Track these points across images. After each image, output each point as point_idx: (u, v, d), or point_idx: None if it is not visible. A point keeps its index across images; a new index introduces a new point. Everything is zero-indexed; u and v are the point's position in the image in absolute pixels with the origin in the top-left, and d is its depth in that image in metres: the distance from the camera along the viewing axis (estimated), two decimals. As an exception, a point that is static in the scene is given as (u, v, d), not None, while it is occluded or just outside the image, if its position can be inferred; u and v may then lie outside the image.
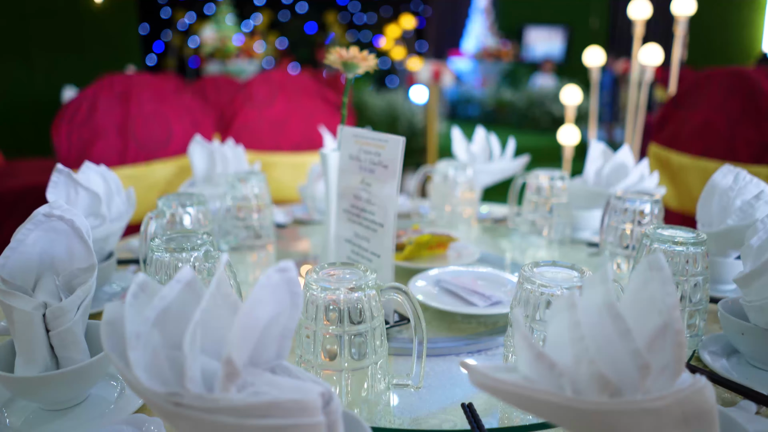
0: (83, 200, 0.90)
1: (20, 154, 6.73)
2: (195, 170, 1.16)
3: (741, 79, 1.69)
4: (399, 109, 5.33)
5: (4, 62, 6.65)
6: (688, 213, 1.82)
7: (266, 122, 1.96)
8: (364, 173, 0.80)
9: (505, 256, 1.10)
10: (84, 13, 6.90)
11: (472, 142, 1.36)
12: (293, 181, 2.02)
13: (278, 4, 10.12)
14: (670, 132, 1.89)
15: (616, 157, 1.16)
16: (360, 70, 0.93)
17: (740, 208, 0.85)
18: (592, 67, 3.25)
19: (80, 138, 1.70)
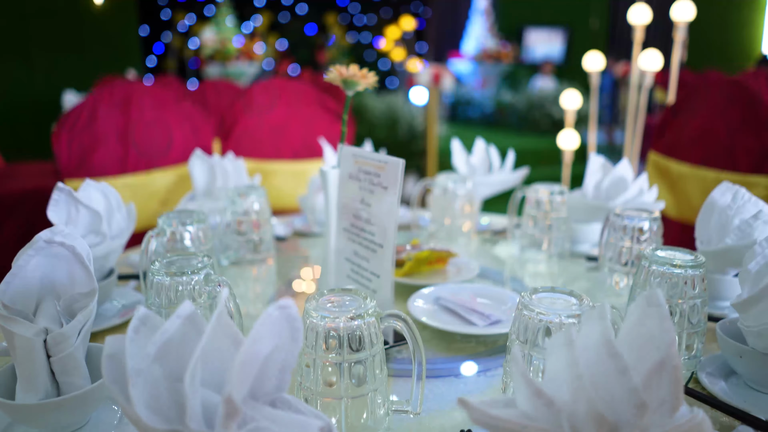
0: (84, 218, 0.90)
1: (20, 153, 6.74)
2: (195, 184, 1.17)
3: (740, 87, 1.69)
4: (399, 112, 5.33)
5: (4, 62, 6.65)
6: (687, 222, 1.82)
7: (266, 129, 1.96)
8: (363, 193, 0.80)
9: (505, 270, 1.11)
10: (84, 14, 6.90)
11: (472, 154, 1.36)
12: (293, 188, 2.02)
13: (278, 6, 10.12)
14: (669, 140, 1.90)
15: (616, 171, 1.16)
16: (360, 87, 0.93)
17: (738, 227, 0.85)
18: (592, 71, 3.26)
19: (80, 145, 1.70)
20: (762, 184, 1.63)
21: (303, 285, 1.02)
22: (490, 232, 1.34)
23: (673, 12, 2.76)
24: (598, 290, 0.99)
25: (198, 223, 0.88)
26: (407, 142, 5.21)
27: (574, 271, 1.10)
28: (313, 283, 1.01)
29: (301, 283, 1.02)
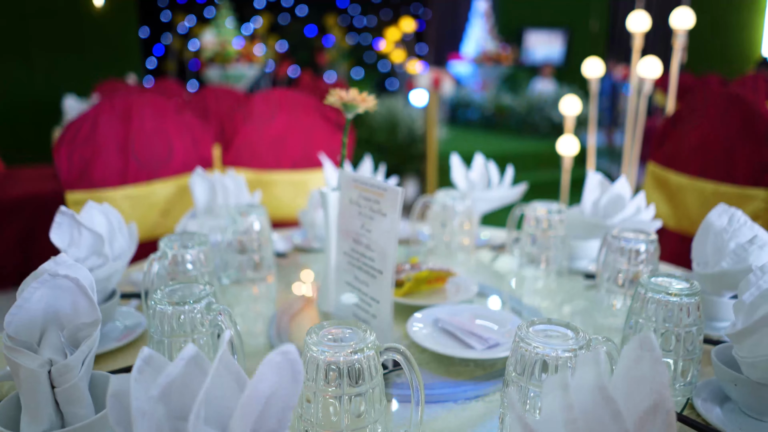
0: (86, 240, 0.91)
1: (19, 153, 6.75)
2: (196, 202, 1.18)
3: (738, 100, 1.70)
4: (399, 115, 5.34)
5: (4, 62, 6.66)
6: (685, 233, 1.83)
7: (266, 139, 1.97)
8: (363, 219, 0.81)
9: (504, 289, 1.11)
10: (84, 15, 6.90)
11: (471, 170, 1.37)
12: (292, 199, 2.03)
13: (278, 7, 10.12)
14: (668, 150, 1.91)
15: (613, 189, 1.17)
16: (359, 110, 0.94)
17: (734, 251, 0.86)
18: (592, 77, 3.26)
19: (81, 157, 1.71)
20: (760, 197, 1.64)
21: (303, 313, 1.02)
22: (490, 247, 1.35)
23: (673, 19, 2.77)
24: (595, 310, 1.00)
25: (199, 245, 0.89)
26: (407, 146, 5.22)
27: (572, 289, 1.11)
28: (313, 305, 1.02)
29: (301, 305, 1.03)
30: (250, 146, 1.94)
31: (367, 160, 1.40)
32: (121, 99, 1.77)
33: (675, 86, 2.88)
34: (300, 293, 1.08)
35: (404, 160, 5.20)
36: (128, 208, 1.79)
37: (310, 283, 1.14)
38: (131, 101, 1.78)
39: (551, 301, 1.07)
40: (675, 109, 1.91)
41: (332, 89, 0.92)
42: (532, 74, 8.40)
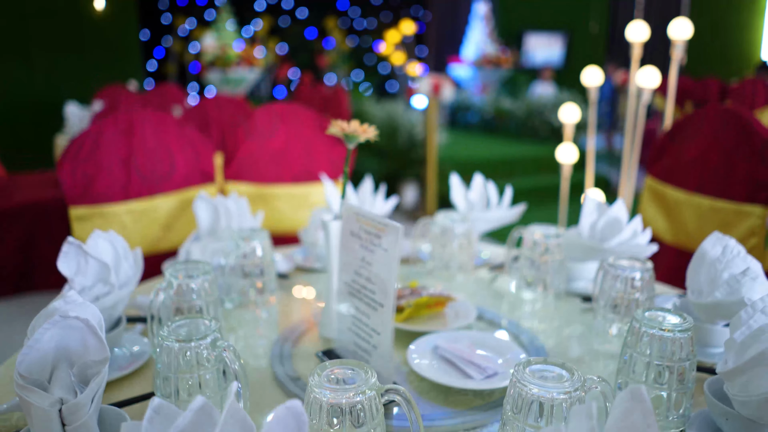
0: (93, 269, 0.93)
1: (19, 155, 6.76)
2: (200, 224, 1.19)
3: (734, 117, 1.72)
4: (399, 120, 5.36)
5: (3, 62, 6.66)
6: (683, 247, 1.85)
7: (267, 153, 1.99)
8: (364, 251, 0.83)
9: (502, 312, 1.13)
10: (85, 17, 6.91)
11: (470, 190, 1.39)
12: (293, 211, 2.05)
13: (278, 10, 10.14)
14: (665, 165, 1.92)
15: (610, 212, 1.19)
16: (360, 140, 0.96)
17: (727, 281, 0.88)
18: (590, 86, 3.28)
19: (84, 174, 1.73)
20: (756, 213, 1.65)
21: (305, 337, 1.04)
22: (489, 267, 1.37)
23: (671, 30, 2.78)
24: (592, 335, 1.02)
25: (204, 275, 0.91)
26: (407, 150, 5.24)
27: (569, 312, 1.12)
28: (315, 328, 1.04)
29: (304, 329, 1.05)
30: (251, 160, 1.96)
31: (367, 181, 1.41)
32: (124, 114, 1.79)
33: (673, 96, 2.90)
34: (302, 316, 1.10)
35: (404, 164, 5.22)
36: (131, 222, 1.81)
37: (312, 306, 1.16)
38: (133, 117, 1.80)
39: (549, 325, 1.08)
40: (672, 122, 1.93)
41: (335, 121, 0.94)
42: (532, 77, 8.42)
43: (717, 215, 1.74)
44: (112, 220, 1.77)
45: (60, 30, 6.84)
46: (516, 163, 5.50)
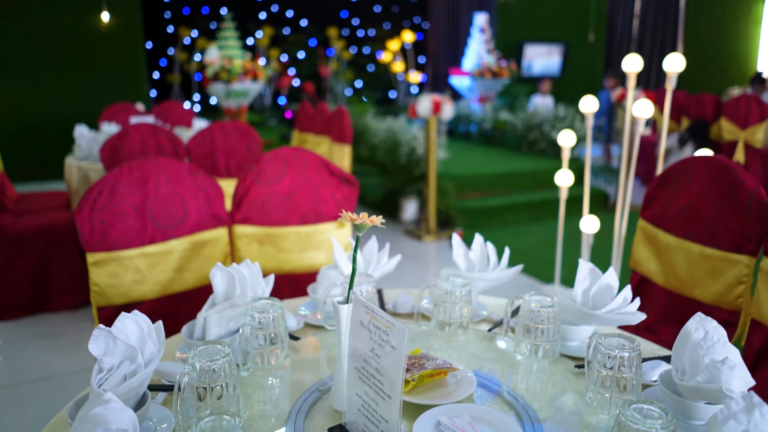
0: (120, 349, 1.01)
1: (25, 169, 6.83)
2: (216, 292, 1.27)
3: (723, 169, 1.79)
4: (400, 134, 5.43)
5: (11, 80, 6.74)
6: (674, 289, 1.93)
7: (275, 197, 2.06)
8: (373, 344, 0.91)
9: (500, 376, 1.21)
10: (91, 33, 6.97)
11: (471, 249, 1.46)
12: (301, 249, 2.13)
13: (281, 20, 10.20)
14: (657, 210, 2.00)
15: (603, 280, 1.27)
16: (367, 227, 1.04)
17: (707, 367, 0.95)
18: (587, 112, 3.35)
19: (102, 221, 1.81)
20: (743, 263, 1.73)
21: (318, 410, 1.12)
22: (488, 323, 1.44)
23: (665, 63, 2.86)
24: (583, 407, 1.09)
25: (224, 357, 0.99)
26: (407, 167, 5.31)
27: (563, 378, 1.20)
28: (327, 399, 1.11)
29: (316, 399, 1.12)
30: (260, 204, 2.04)
31: (372, 240, 1.49)
32: (138, 165, 1.86)
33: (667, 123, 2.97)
34: (314, 381, 1.17)
35: (405, 180, 5.29)
36: (145, 266, 1.88)
37: (324, 371, 1.23)
38: (147, 165, 1.87)
39: (542, 390, 1.16)
40: (664, 169, 2.00)
41: (346, 213, 1.02)
42: (531, 87, 8.49)
43: (706, 262, 1.81)
44: (127, 265, 1.85)
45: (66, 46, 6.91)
46: (514, 177, 5.57)
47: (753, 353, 1.67)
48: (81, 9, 6.82)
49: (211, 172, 3.37)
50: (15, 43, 6.67)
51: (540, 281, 3.95)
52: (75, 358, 2.95)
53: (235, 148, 3.40)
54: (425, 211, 4.89)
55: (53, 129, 6.95)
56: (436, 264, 4.39)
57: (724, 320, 1.79)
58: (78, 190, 3.71)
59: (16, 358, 2.96)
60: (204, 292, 1.99)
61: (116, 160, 3.12)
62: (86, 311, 3.51)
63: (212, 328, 1.23)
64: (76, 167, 3.71)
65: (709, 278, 1.81)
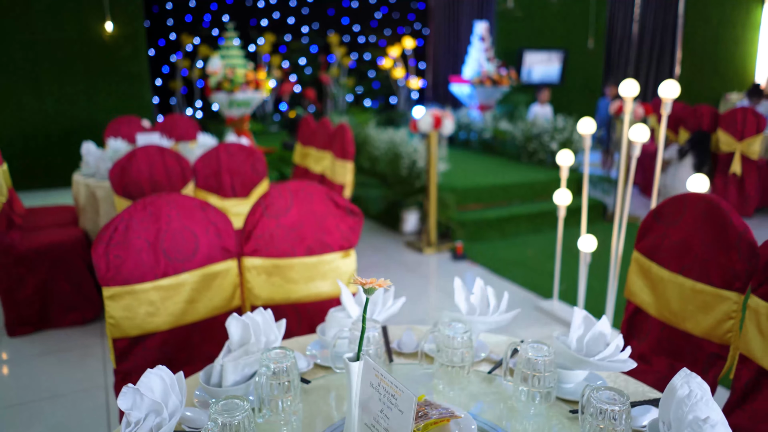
0: (146, 404, 1.08)
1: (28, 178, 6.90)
2: (232, 339, 1.35)
3: (714, 207, 1.86)
4: (401, 147, 5.50)
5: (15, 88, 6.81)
6: (667, 321, 2.00)
7: (282, 230, 2.14)
8: (382, 405, 0.98)
9: (499, 423, 1.28)
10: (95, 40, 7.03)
11: (472, 293, 1.54)
12: (308, 278, 2.20)
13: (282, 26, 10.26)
14: (651, 243, 2.07)
15: (596, 327, 1.34)
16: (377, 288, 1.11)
17: (691, 424, 1.03)
18: (585, 134, 3.42)
19: (117, 257, 1.88)
20: (733, 299, 1.81)
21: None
22: (488, 362, 1.52)
23: (660, 90, 2.93)
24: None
25: (243, 412, 1.06)
26: (408, 180, 5.38)
27: (558, 424, 1.28)
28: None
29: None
30: (267, 237, 2.11)
31: (383, 299, 1.56)
32: (151, 201, 1.94)
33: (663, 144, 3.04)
34: (326, 428, 1.25)
35: (406, 192, 5.36)
36: (158, 299, 1.96)
37: (335, 416, 1.31)
38: (160, 203, 1.95)
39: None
40: (657, 205, 2.07)
41: (355, 277, 1.09)
42: (530, 95, 8.56)
43: (698, 296, 1.89)
44: (141, 298, 1.92)
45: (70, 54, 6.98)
46: (514, 188, 5.65)
47: (741, 386, 1.75)
48: (85, 17, 6.88)
49: (217, 191, 3.44)
50: (19, 50, 6.73)
51: (539, 296, 4.02)
52: (83, 375, 3.03)
53: (240, 168, 3.47)
54: (426, 224, 4.96)
55: (57, 137, 7.01)
56: (437, 276, 4.47)
57: (715, 353, 1.87)
58: (85, 207, 3.78)
59: (26, 375, 3.03)
60: (215, 323, 2.07)
61: (125, 180, 3.20)
62: (93, 327, 3.59)
63: (229, 375, 1.31)
64: (83, 184, 3.78)
65: (700, 312, 1.88)
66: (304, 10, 10.31)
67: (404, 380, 1.47)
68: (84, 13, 6.87)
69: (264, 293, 2.14)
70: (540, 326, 3.59)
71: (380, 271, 4.52)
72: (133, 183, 3.20)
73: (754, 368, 1.71)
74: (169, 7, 9.30)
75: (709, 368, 1.88)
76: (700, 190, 2.66)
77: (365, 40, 10.87)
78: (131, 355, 1.95)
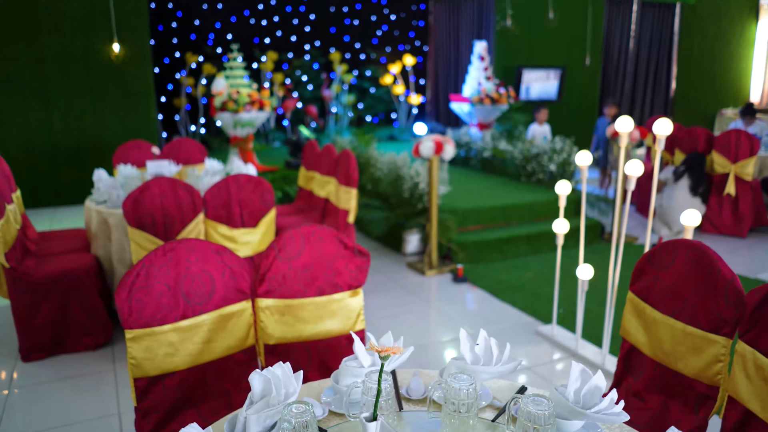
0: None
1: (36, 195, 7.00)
2: (254, 392, 1.45)
3: (703, 254, 1.97)
4: (403, 169, 5.62)
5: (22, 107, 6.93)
6: (659, 361, 2.11)
7: (294, 272, 2.25)
8: (398, 467, 1.09)
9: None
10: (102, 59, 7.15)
11: (477, 344, 1.65)
12: (318, 317, 2.31)
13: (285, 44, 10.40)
14: (645, 285, 2.18)
15: (592, 381, 1.45)
16: (392, 354, 1.22)
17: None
18: (582, 165, 3.54)
19: (139, 300, 1.99)
20: (721, 343, 1.91)
21: None
22: (492, 409, 1.63)
23: (654, 127, 3.05)
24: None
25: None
26: (410, 199, 5.49)
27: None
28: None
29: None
30: (280, 278, 2.22)
31: (388, 335, 1.66)
32: (171, 247, 2.05)
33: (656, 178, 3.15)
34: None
35: (408, 213, 5.47)
36: (177, 340, 2.06)
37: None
38: (180, 248, 2.06)
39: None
40: (651, 248, 2.19)
41: (372, 344, 1.20)
42: (529, 113, 8.70)
43: (688, 339, 2.00)
44: (161, 339, 2.03)
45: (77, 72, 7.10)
46: (513, 209, 5.76)
47: (730, 427, 1.85)
48: (92, 36, 7.01)
49: (227, 221, 3.55)
50: (27, 69, 6.86)
51: (538, 320, 4.13)
52: (98, 402, 3.12)
53: (248, 199, 3.59)
54: (428, 247, 5.07)
55: (64, 154, 7.12)
56: (438, 299, 4.57)
57: (705, 394, 1.98)
58: (97, 233, 3.89)
59: (41, 401, 3.13)
60: (229, 361, 2.18)
61: (138, 212, 3.31)
62: (105, 352, 3.69)
63: (252, 427, 1.41)
64: (95, 211, 3.88)
65: (691, 354, 1.99)
66: (306, 28, 10.46)
67: (414, 427, 1.58)
68: (91, 32, 6.99)
69: (276, 332, 2.25)
70: (540, 353, 3.69)
71: (382, 293, 4.62)
72: (146, 214, 3.31)
73: (742, 410, 1.82)
74: (174, 26, 9.44)
75: (700, 407, 1.99)
76: (693, 222, 2.76)
77: (366, 56, 11.02)
78: (151, 393, 2.05)
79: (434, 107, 11.13)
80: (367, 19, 10.88)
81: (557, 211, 3.78)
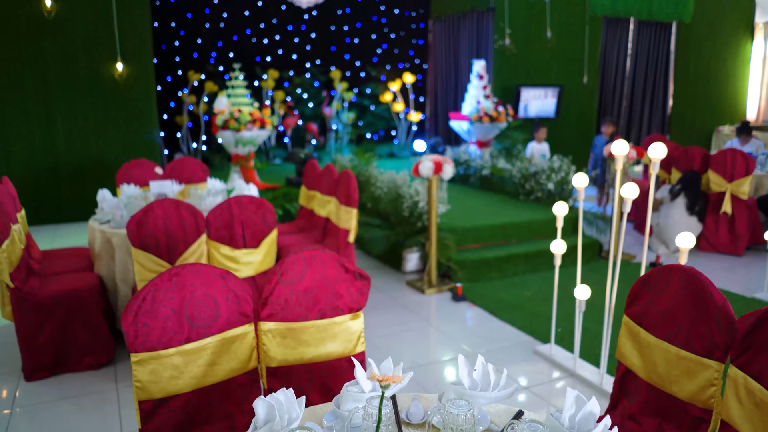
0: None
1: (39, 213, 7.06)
2: (258, 416, 1.50)
3: (695, 279, 2.02)
4: (402, 188, 5.68)
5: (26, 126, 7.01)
6: (653, 384, 2.15)
7: (296, 296, 2.30)
8: (398, 494, 1.13)
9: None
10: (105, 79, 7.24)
11: (475, 369, 1.69)
12: (319, 339, 2.35)
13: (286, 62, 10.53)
14: (640, 309, 2.23)
15: (587, 407, 1.50)
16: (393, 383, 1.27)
17: None
18: (579, 187, 3.60)
19: (144, 324, 2.03)
20: (714, 367, 1.96)
21: None
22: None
23: (650, 151, 3.12)
24: None
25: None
26: (409, 218, 5.55)
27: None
28: None
29: None
30: (282, 302, 2.27)
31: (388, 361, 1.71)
32: (176, 271, 2.09)
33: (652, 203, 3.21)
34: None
35: (407, 232, 5.53)
36: (181, 363, 2.11)
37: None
38: (185, 273, 2.11)
39: None
40: (645, 273, 2.24)
41: (373, 373, 1.24)
42: (527, 133, 8.80)
43: (682, 363, 2.04)
44: (166, 363, 2.07)
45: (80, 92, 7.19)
46: (512, 228, 5.82)
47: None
48: (96, 56, 7.11)
49: (229, 242, 3.60)
50: (31, 89, 6.95)
51: (536, 339, 4.16)
52: (100, 421, 3.15)
53: (250, 220, 3.64)
54: (427, 265, 5.12)
55: (67, 172, 7.19)
56: (437, 318, 4.61)
57: (699, 417, 2.01)
58: (101, 253, 3.93)
59: (43, 420, 3.15)
60: (232, 383, 2.22)
61: (142, 233, 3.36)
62: (107, 371, 3.72)
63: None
64: (98, 231, 3.93)
65: (685, 378, 2.04)
66: (307, 46, 10.60)
67: (413, 452, 1.61)
68: (95, 52, 7.10)
69: (279, 355, 2.29)
70: (538, 373, 3.73)
71: (382, 311, 4.66)
72: (150, 236, 3.36)
73: (734, 434, 1.86)
74: (176, 44, 9.57)
75: (694, 431, 2.02)
76: (688, 244, 2.81)
77: (366, 74, 11.15)
78: (156, 415, 2.09)
79: (433, 125, 11.24)
80: (367, 37, 11.04)
81: (555, 230, 3.83)
